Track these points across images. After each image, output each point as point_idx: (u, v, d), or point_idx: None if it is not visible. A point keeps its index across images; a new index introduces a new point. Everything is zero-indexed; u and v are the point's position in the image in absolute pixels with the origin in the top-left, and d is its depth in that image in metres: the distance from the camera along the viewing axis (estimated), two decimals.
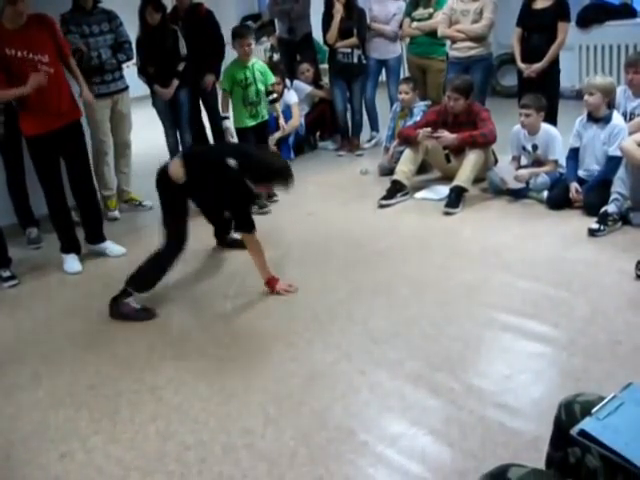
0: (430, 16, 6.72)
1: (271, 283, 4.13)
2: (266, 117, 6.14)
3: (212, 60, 6.62)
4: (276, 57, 9.16)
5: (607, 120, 4.87)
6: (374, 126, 7.48)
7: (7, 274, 4.72)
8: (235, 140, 6.04)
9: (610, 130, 4.83)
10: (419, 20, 6.79)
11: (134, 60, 6.12)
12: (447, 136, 5.45)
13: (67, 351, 3.72)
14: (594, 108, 4.88)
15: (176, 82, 6.29)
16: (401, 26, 6.96)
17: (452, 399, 2.91)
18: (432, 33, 6.69)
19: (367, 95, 7.33)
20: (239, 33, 5.95)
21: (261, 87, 5.98)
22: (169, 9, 6.67)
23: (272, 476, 2.56)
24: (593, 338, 3.29)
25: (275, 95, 6.28)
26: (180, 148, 6.85)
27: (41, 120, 4.53)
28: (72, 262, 4.91)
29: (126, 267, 4.65)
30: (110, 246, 5.13)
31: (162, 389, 3.23)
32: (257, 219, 4.10)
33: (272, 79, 6.13)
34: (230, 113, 6.01)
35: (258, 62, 6.05)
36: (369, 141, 7.51)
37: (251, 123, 5.99)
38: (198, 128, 6.96)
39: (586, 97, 4.89)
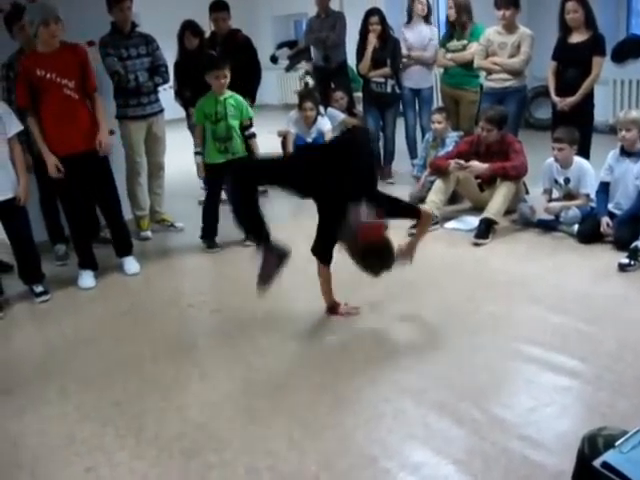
0: (464, 47, 6.76)
1: (334, 309, 4.14)
2: (239, 154, 5.52)
3: (248, 85, 6.71)
4: (311, 83, 9.23)
5: None
6: (414, 154, 7.48)
7: (40, 289, 4.80)
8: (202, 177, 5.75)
9: None
10: (453, 51, 6.83)
11: (170, 83, 6.22)
12: (478, 166, 5.46)
13: (95, 367, 3.76)
14: (630, 144, 4.88)
15: None
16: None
17: (476, 429, 2.91)
18: (465, 64, 6.73)
19: (408, 124, 7.37)
20: (214, 64, 5.50)
21: (233, 122, 5.47)
22: (207, 34, 6.79)
23: None
24: (620, 374, 3.26)
25: (252, 130, 5.70)
26: None
27: (59, 144, 4.68)
28: (86, 278, 5.02)
29: (153, 287, 4.73)
30: (128, 262, 5.22)
31: (187, 408, 3.25)
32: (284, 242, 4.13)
33: (250, 114, 5.65)
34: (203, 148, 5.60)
35: (234, 96, 5.55)
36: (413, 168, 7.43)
37: (220, 160, 5.48)
38: None
39: (623, 133, 4.88)
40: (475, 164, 5.48)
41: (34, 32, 4.55)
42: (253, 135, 5.71)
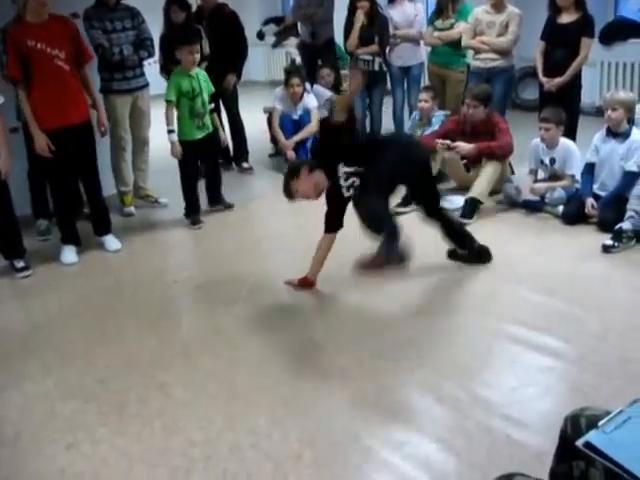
0: (451, 26, 6.72)
1: (307, 282, 4.20)
2: (211, 128, 5.63)
3: (234, 60, 6.66)
4: (298, 60, 9.17)
5: (626, 135, 4.86)
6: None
7: (21, 264, 4.75)
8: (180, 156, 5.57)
9: (629, 145, 4.82)
10: (441, 30, 6.79)
11: (155, 58, 6.15)
12: (465, 146, 5.45)
13: (78, 344, 3.74)
14: (616, 123, 4.87)
15: None
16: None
17: (459, 408, 2.91)
18: (452, 44, 6.70)
19: (396, 103, 7.34)
20: (187, 39, 5.46)
21: (206, 97, 5.52)
22: (194, 9, 6.72)
23: (276, 477, 2.57)
24: (603, 355, 3.28)
25: (213, 105, 5.73)
26: None
27: (48, 116, 4.62)
28: (69, 253, 4.97)
29: (137, 263, 4.71)
30: (108, 240, 5.18)
31: (171, 385, 3.24)
32: (267, 217, 4.12)
33: (212, 89, 5.65)
34: (175, 126, 5.46)
35: (200, 71, 5.59)
36: None
37: (199, 135, 5.52)
38: None
39: (609, 112, 4.87)
40: (461, 144, 5.46)
41: (22, 1, 4.52)
42: (215, 110, 5.84)
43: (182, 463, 2.68)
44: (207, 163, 5.94)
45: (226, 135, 6.22)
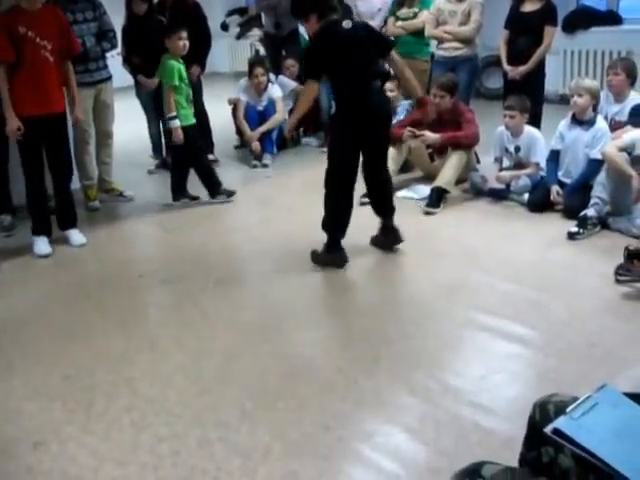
0: (415, 15, 6.71)
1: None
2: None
3: (198, 52, 6.59)
4: (262, 52, 9.13)
5: (591, 123, 4.90)
6: None
7: None
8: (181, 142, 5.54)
9: (594, 133, 4.86)
10: (404, 19, 6.78)
11: (119, 50, 6.08)
12: (430, 135, 5.46)
13: (42, 341, 3.68)
14: (581, 110, 4.91)
15: None
16: (386, 23, 6.96)
17: (428, 397, 2.92)
18: (416, 33, 6.69)
19: None
20: (176, 26, 5.57)
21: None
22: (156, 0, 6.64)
23: (246, 470, 2.55)
24: (569, 340, 3.31)
25: None
26: (162, 139, 6.84)
27: (28, 103, 4.61)
28: (42, 244, 4.90)
29: (102, 257, 4.65)
30: (73, 235, 5.09)
31: (138, 381, 3.21)
32: (233, 210, 4.09)
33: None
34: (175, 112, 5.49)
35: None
36: None
37: (193, 121, 5.64)
38: None
39: (575, 98, 4.90)
40: (427, 134, 5.48)
41: None
42: None
43: (151, 460, 2.65)
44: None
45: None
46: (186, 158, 5.69)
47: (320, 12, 4.21)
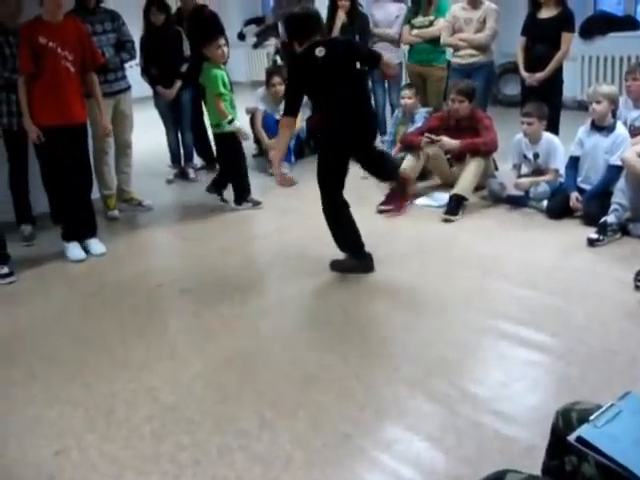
0: (430, 23, 6.72)
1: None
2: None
3: None
4: (279, 62, 9.17)
5: (611, 129, 4.88)
6: (383, 131, 7.42)
7: (5, 270, 4.70)
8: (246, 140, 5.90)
9: (613, 139, 4.84)
10: (419, 27, 6.79)
11: (137, 60, 6.12)
12: (449, 141, 5.46)
13: (63, 349, 3.71)
14: (600, 116, 4.89)
15: (179, 83, 6.32)
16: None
17: (448, 405, 2.91)
18: (432, 41, 6.70)
19: (378, 101, 7.32)
20: (212, 35, 5.62)
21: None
22: (174, 10, 6.69)
23: (267, 479, 2.55)
24: (590, 347, 3.29)
25: None
26: (181, 149, 6.88)
27: (49, 113, 4.67)
28: (75, 249, 4.96)
29: (122, 267, 4.68)
30: (92, 244, 5.12)
31: (158, 389, 3.21)
32: (252, 218, 4.10)
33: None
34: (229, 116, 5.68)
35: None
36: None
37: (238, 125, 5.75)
38: (199, 129, 6.99)
39: (593, 105, 4.88)
40: (446, 139, 5.47)
41: (39, 1, 4.60)
42: None
43: (172, 468, 2.65)
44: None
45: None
46: (236, 160, 5.76)
47: (299, 39, 4.20)
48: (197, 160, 7.25)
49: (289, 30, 4.36)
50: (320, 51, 4.08)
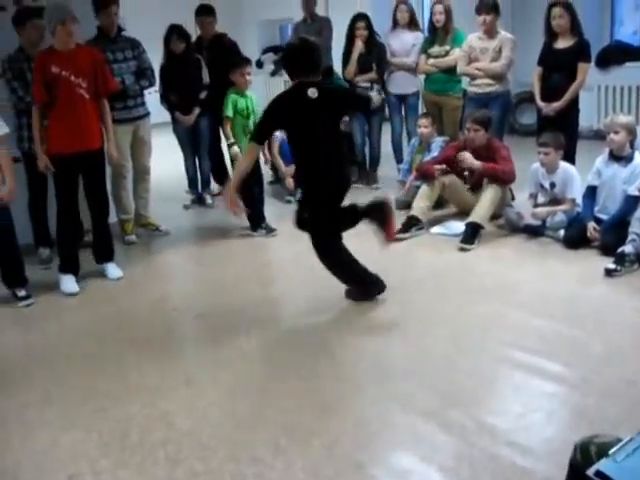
0: (446, 53, 6.76)
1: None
2: None
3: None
4: None
5: (629, 159, 4.88)
6: (400, 159, 7.43)
7: (23, 293, 4.74)
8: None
9: (632, 169, 4.84)
10: (435, 57, 6.83)
11: (156, 87, 6.18)
12: (472, 160, 5.46)
13: (79, 373, 3.72)
14: (619, 146, 4.89)
15: (197, 110, 6.38)
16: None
17: (464, 436, 2.89)
18: (448, 70, 6.74)
19: (395, 129, 7.35)
20: (238, 62, 5.88)
21: (256, 119, 5.68)
22: (194, 38, 6.77)
23: None
24: (607, 378, 3.26)
25: None
26: (198, 175, 6.93)
27: (65, 140, 4.71)
28: (69, 282, 4.94)
29: (138, 291, 4.70)
30: (109, 268, 5.16)
31: (173, 414, 3.21)
32: (267, 245, 4.10)
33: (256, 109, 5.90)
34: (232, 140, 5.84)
35: (253, 94, 5.98)
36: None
37: None
38: (217, 156, 7.04)
39: (612, 136, 4.88)
40: (468, 155, 5.47)
41: (52, 30, 4.65)
42: None
43: None
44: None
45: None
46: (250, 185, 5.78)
47: (290, 73, 4.12)
48: (214, 186, 7.29)
49: (285, 61, 4.25)
50: (313, 92, 3.95)
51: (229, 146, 5.82)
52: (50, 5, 4.85)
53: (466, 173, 5.80)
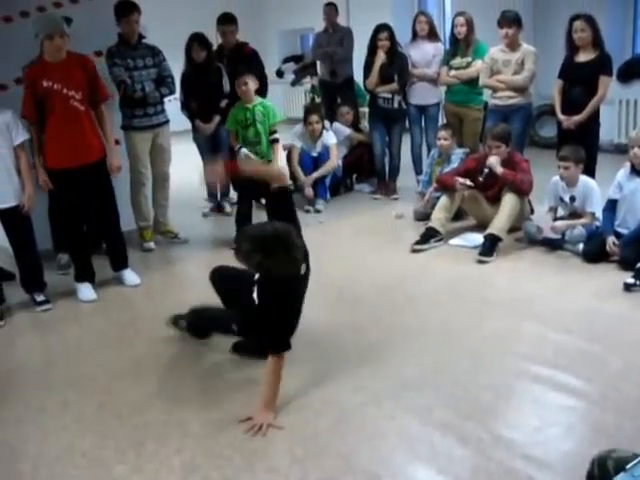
0: (468, 65, 6.76)
1: (264, 415, 3.19)
2: (268, 157, 5.80)
3: None
4: (318, 100, 9.27)
5: None
6: (420, 170, 7.43)
7: (41, 298, 4.78)
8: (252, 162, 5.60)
9: None
10: (457, 69, 6.83)
11: (176, 95, 6.22)
12: (495, 162, 5.45)
13: (96, 379, 3.73)
14: None
15: (217, 118, 6.41)
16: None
17: (480, 449, 2.87)
18: (470, 82, 6.74)
19: (414, 141, 7.36)
20: (236, 74, 5.80)
21: (260, 128, 5.74)
22: (215, 47, 6.81)
23: None
24: (626, 394, 3.23)
25: (276, 136, 5.83)
26: (217, 183, 6.95)
27: (61, 155, 4.67)
28: (86, 291, 4.95)
29: (156, 298, 4.72)
30: (127, 275, 5.18)
31: (189, 422, 3.21)
32: None
33: (276, 118, 5.86)
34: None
35: (264, 102, 5.86)
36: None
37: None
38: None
39: (635, 150, 4.85)
40: (494, 159, 5.48)
41: (39, 44, 4.57)
42: (276, 140, 5.85)
43: None
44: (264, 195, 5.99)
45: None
46: (243, 201, 5.84)
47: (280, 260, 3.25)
48: (233, 194, 7.32)
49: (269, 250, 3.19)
50: (303, 268, 3.52)
51: (237, 152, 5.80)
52: (39, 17, 4.81)
53: (481, 178, 5.77)
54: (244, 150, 5.74)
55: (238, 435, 3.09)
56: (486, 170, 5.63)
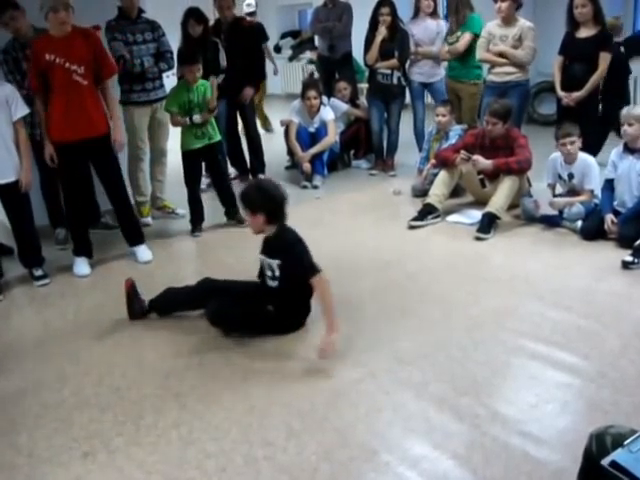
0: (457, 39, 6.74)
1: (335, 335, 3.49)
2: (215, 138, 5.67)
3: (251, 73, 6.68)
4: (316, 75, 9.22)
5: None
6: (422, 146, 7.39)
7: (39, 273, 4.78)
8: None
9: None
10: (450, 44, 6.81)
11: (174, 70, 6.19)
12: (482, 161, 5.43)
13: (94, 352, 3.75)
14: (632, 139, 4.85)
15: (215, 93, 6.35)
16: None
17: (476, 424, 2.89)
18: (462, 57, 6.74)
19: (417, 117, 7.33)
20: (190, 59, 5.53)
21: (204, 107, 5.55)
22: (211, 22, 6.76)
23: None
24: (623, 371, 3.25)
25: (214, 105, 5.64)
26: None
27: (64, 129, 4.64)
28: (81, 265, 4.97)
29: (155, 273, 4.72)
30: (139, 251, 5.17)
31: (186, 396, 3.23)
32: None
33: (209, 93, 5.56)
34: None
35: (202, 81, 5.58)
36: None
37: (197, 145, 5.57)
38: (234, 140, 7.04)
39: (625, 127, 4.85)
40: (480, 159, 5.44)
41: (44, 16, 4.53)
42: (211, 111, 5.63)
43: (197, 475, 2.67)
44: (212, 174, 6.00)
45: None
46: (191, 182, 5.79)
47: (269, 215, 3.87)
48: (231, 170, 7.29)
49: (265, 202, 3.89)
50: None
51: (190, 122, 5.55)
52: None
53: (481, 176, 5.76)
54: (196, 116, 5.51)
55: (235, 408, 3.10)
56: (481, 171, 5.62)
